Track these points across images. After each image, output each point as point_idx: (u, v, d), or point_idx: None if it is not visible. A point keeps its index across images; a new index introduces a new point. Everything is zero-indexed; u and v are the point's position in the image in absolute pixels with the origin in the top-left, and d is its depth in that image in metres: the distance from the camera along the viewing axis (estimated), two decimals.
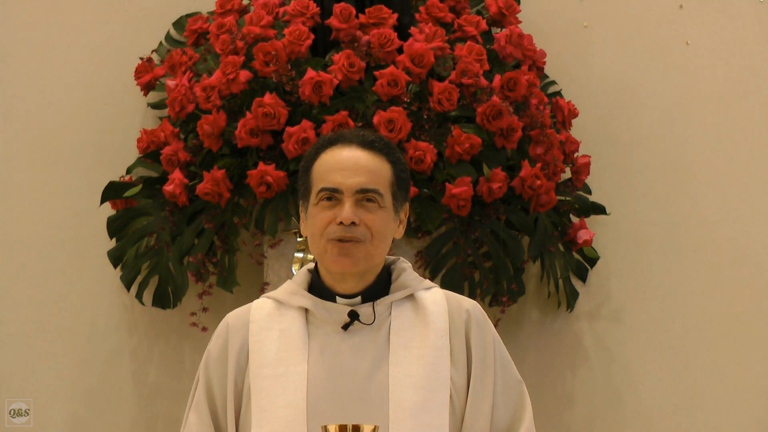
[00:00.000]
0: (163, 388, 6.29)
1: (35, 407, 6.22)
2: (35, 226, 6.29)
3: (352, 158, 3.91)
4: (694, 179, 6.37)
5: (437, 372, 3.86)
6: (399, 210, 3.95)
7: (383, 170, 3.91)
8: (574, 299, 6.28)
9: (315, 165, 3.93)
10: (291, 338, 3.91)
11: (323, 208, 3.88)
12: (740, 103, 6.39)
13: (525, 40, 6.04)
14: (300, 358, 3.88)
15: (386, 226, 3.90)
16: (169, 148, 5.89)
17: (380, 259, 3.95)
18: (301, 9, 5.87)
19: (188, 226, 5.95)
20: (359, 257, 3.86)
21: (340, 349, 3.87)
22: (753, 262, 6.33)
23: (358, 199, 3.86)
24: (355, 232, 3.84)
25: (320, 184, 3.89)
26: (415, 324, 3.92)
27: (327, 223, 3.86)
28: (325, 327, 3.91)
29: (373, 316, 3.90)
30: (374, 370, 3.85)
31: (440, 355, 3.88)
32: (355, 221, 3.83)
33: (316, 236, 3.90)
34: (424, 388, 3.83)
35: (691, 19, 6.42)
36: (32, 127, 6.32)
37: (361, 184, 3.87)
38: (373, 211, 3.87)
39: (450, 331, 3.91)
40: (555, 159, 5.94)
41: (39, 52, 6.36)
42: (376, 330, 3.89)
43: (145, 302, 6.17)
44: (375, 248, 3.88)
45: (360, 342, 3.88)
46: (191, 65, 5.98)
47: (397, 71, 5.74)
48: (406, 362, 3.86)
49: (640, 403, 6.30)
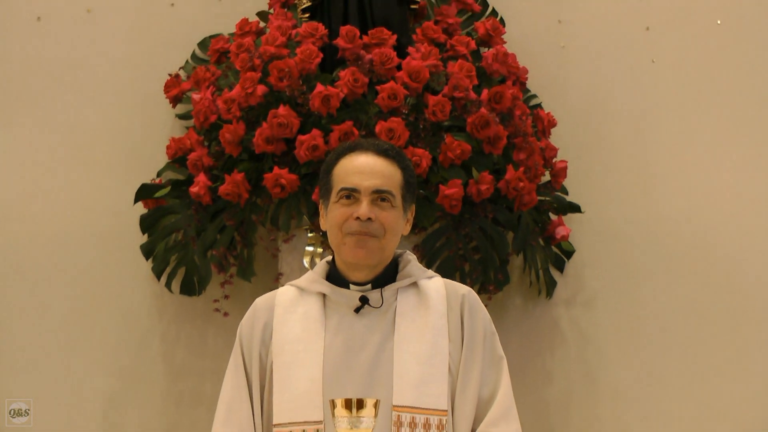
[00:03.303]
0: (189, 366, 6.29)
1: (74, 383, 6.23)
2: (77, 224, 6.29)
3: (369, 163, 3.92)
4: (659, 181, 6.38)
5: (437, 348, 3.87)
6: (407, 210, 3.97)
7: (395, 175, 3.93)
8: (553, 288, 6.30)
9: (336, 168, 3.94)
10: (310, 320, 3.93)
11: (342, 206, 3.89)
12: (700, 114, 6.40)
13: (509, 58, 6.10)
14: (317, 336, 3.90)
15: (397, 223, 3.92)
16: (195, 154, 5.90)
17: (390, 253, 3.97)
18: (311, 31, 5.87)
19: (211, 223, 5.96)
20: (373, 250, 3.89)
21: (352, 329, 3.90)
22: (710, 254, 6.35)
23: (373, 199, 3.88)
24: (371, 228, 3.87)
25: (340, 184, 3.90)
26: (417, 307, 3.93)
27: (345, 219, 3.87)
28: (340, 310, 3.92)
29: (381, 300, 3.92)
30: (381, 347, 3.87)
31: (439, 334, 3.89)
32: (371, 217, 3.85)
33: (335, 229, 3.91)
34: (425, 363, 3.85)
35: (656, 39, 6.44)
36: (73, 136, 6.33)
37: (377, 186, 3.89)
38: (387, 209, 3.89)
39: (447, 313, 3.92)
40: (536, 164, 5.96)
41: (79, 69, 6.36)
42: (384, 313, 3.91)
43: (173, 290, 6.21)
44: (387, 242, 3.91)
45: (369, 323, 3.90)
46: (214, 81, 6.01)
47: (396, 86, 5.76)
48: (409, 340, 3.88)
49: (611, 380, 6.32)
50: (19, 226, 6.27)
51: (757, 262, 6.33)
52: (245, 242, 5.99)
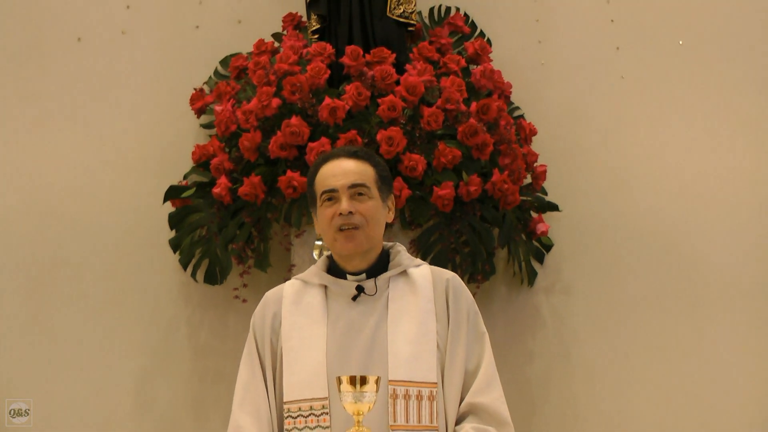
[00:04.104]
0: (212, 348, 6.27)
1: (110, 362, 6.21)
2: (113, 220, 6.28)
3: (342, 166, 3.93)
4: (628, 183, 6.38)
5: (425, 329, 3.88)
6: (386, 200, 3.97)
7: (367, 171, 3.93)
8: (534, 277, 6.30)
9: (316, 178, 3.96)
10: (314, 309, 3.94)
11: (327, 207, 3.91)
12: (664, 123, 6.40)
13: (495, 74, 6.09)
14: (320, 323, 3.91)
15: (377, 212, 3.92)
16: (217, 159, 5.91)
17: (378, 240, 3.96)
18: (320, 50, 5.89)
19: (232, 220, 5.95)
20: (361, 240, 3.89)
21: (350, 315, 3.91)
22: (672, 247, 6.35)
23: (351, 194, 3.89)
24: (353, 219, 3.87)
25: (321, 189, 3.92)
26: (407, 293, 3.94)
27: (331, 217, 3.89)
28: (339, 299, 3.93)
29: (375, 288, 3.93)
30: (376, 330, 3.88)
31: (427, 315, 3.90)
32: (352, 210, 3.86)
33: (326, 229, 3.92)
34: (416, 342, 3.86)
35: (625, 58, 6.43)
36: (109, 143, 6.32)
37: (351, 181, 3.90)
38: (365, 201, 3.90)
39: (434, 297, 3.93)
40: (519, 168, 5.97)
41: (114, 84, 6.35)
42: (378, 299, 3.92)
43: (198, 280, 6.21)
44: (371, 230, 3.91)
45: (365, 309, 3.92)
46: (234, 94, 6.01)
47: (395, 99, 5.76)
48: (401, 323, 3.89)
49: (585, 359, 6.32)
50: (61, 222, 6.25)
51: (713, 254, 6.32)
52: (261, 237, 5.98)
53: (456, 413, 3.87)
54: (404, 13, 6.00)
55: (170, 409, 6.24)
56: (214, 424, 6.11)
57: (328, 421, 3.79)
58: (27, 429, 6.07)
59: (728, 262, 6.32)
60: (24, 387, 6.16)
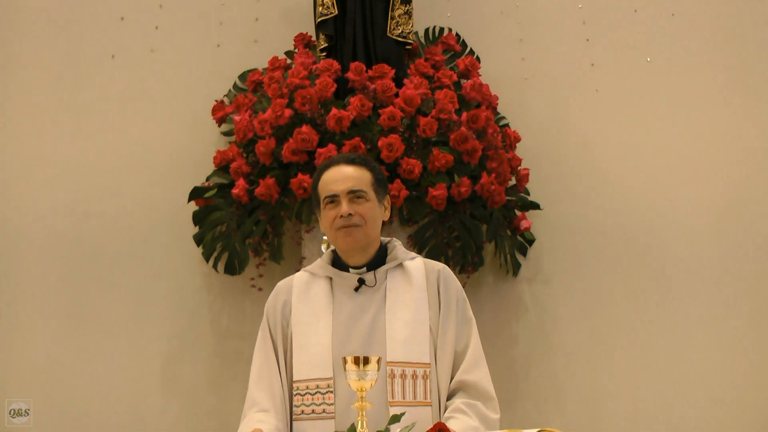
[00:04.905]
0: (231, 331, 6.26)
1: (139, 344, 6.19)
2: (143, 218, 6.28)
3: (342, 172, 3.94)
4: (602, 184, 6.38)
5: (419, 315, 3.90)
6: (382, 201, 3.97)
7: (364, 175, 3.94)
8: (518, 268, 6.30)
9: (319, 183, 3.97)
10: (320, 298, 3.96)
11: (329, 209, 3.93)
12: (634, 131, 6.39)
13: (484, 88, 6.09)
14: (326, 311, 3.93)
15: (374, 212, 3.93)
16: (236, 164, 5.92)
17: (376, 236, 3.97)
18: (327, 66, 5.90)
19: (249, 217, 5.96)
20: (359, 237, 3.91)
21: (353, 304, 3.93)
22: (642, 242, 6.34)
23: (350, 198, 3.90)
24: (353, 220, 3.89)
25: (324, 193, 3.94)
26: (403, 284, 3.95)
27: (334, 218, 3.91)
28: (343, 289, 3.95)
29: (375, 280, 3.95)
30: (376, 317, 3.90)
31: (421, 303, 3.92)
32: (351, 212, 3.89)
33: (329, 228, 3.95)
34: (410, 327, 3.88)
35: (600, 73, 6.43)
36: (139, 150, 6.32)
37: (350, 187, 3.91)
38: (362, 203, 3.91)
39: (427, 286, 3.94)
40: (504, 171, 5.98)
41: (144, 96, 6.35)
42: (377, 290, 3.94)
43: (219, 270, 6.20)
44: (369, 229, 3.93)
45: (366, 299, 3.94)
46: (251, 105, 6.01)
47: (394, 110, 5.77)
48: (397, 310, 3.90)
49: (563, 341, 6.32)
50: (97, 220, 6.25)
51: (677, 248, 6.31)
52: (275, 233, 5.98)
53: (447, 390, 3.88)
54: (402, 33, 6.01)
55: (194, 384, 6.23)
56: (233, 398, 6.06)
57: (332, 399, 3.80)
58: (71, 406, 6.10)
59: (690, 255, 6.30)
60: (64, 366, 6.15)
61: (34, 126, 6.28)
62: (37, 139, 6.28)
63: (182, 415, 6.20)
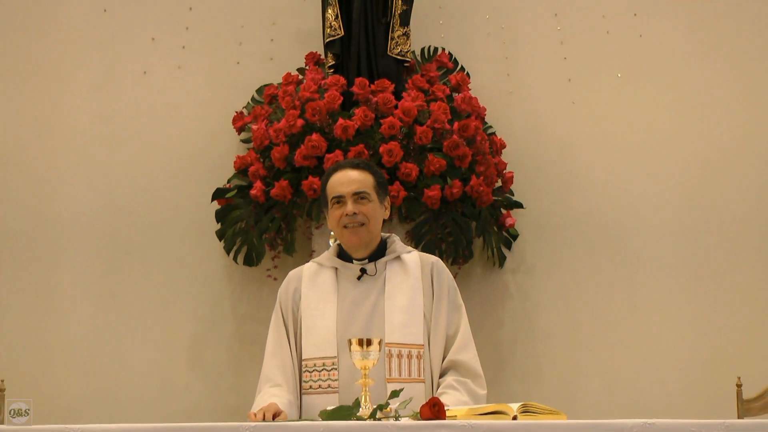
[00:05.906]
0: (249, 316, 6.23)
1: (167, 328, 6.16)
2: (171, 216, 6.25)
3: (347, 175, 3.96)
4: (579, 186, 6.36)
5: (414, 302, 3.92)
6: (383, 201, 3.99)
7: (367, 179, 3.96)
8: (504, 261, 6.26)
9: (327, 185, 3.98)
10: (326, 285, 3.97)
11: (336, 209, 3.95)
12: (606, 138, 6.36)
13: (473, 100, 6.06)
14: (332, 298, 3.94)
15: (376, 212, 3.95)
16: (253, 167, 5.90)
17: (377, 234, 3.98)
18: (335, 81, 5.89)
19: (265, 215, 5.94)
20: (362, 234, 3.94)
21: (355, 292, 3.94)
22: (614, 237, 6.31)
23: (355, 199, 3.92)
24: (357, 219, 3.92)
25: (332, 195, 3.96)
26: (400, 274, 3.97)
27: (340, 217, 3.93)
28: (347, 278, 3.97)
29: (375, 270, 3.97)
30: (376, 303, 3.92)
31: (416, 291, 3.93)
32: (356, 212, 3.91)
33: (335, 226, 3.97)
34: (407, 313, 3.90)
35: (576, 87, 6.39)
36: (168, 155, 6.29)
37: (355, 189, 3.93)
38: (365, 204, 3.93)
39: (422, 277, 3.96)
40: (491, 174, 5.96)
41: (172, 108, 6.33)
42: (377, 279, 3.96)
43: (238, 262, 6.16)
44: (371, 226, 3.95)
45: (367, 287, 3.95)
46: (267, 116, 5.98)
47: (394, 120, 5.76)
48: (395, 297, 3.92)
49: (544, 325, 6.30)
50: (131, 217, 6.23)
51: (646, 242, 6.26)
52: (289, 229, 5.96)
53: (439, 368, 3.91)
54: (401, 52, 5.97)
55: (216, 364, 6.20)
56: (251, 376, 5.85)
57: (336, 375, 3.82)
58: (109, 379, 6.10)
59: (658, 248, 6.27)
60: (102, 345, 6.15)
61: (77, 134, 6.27)
62: (79, 145, 6.27)
63: (205, 390, 6.18)
